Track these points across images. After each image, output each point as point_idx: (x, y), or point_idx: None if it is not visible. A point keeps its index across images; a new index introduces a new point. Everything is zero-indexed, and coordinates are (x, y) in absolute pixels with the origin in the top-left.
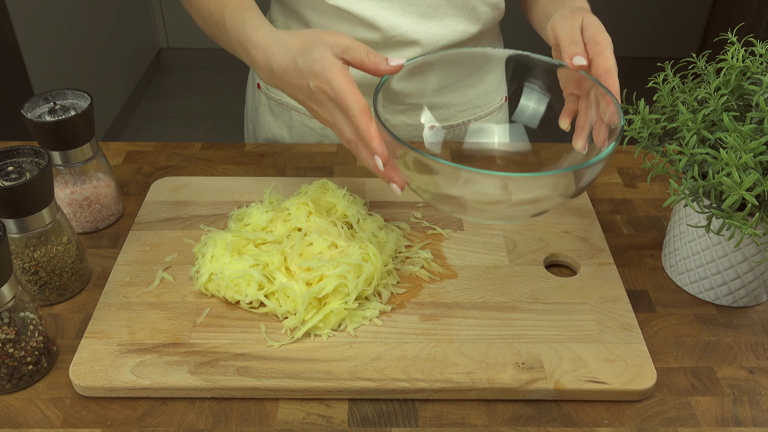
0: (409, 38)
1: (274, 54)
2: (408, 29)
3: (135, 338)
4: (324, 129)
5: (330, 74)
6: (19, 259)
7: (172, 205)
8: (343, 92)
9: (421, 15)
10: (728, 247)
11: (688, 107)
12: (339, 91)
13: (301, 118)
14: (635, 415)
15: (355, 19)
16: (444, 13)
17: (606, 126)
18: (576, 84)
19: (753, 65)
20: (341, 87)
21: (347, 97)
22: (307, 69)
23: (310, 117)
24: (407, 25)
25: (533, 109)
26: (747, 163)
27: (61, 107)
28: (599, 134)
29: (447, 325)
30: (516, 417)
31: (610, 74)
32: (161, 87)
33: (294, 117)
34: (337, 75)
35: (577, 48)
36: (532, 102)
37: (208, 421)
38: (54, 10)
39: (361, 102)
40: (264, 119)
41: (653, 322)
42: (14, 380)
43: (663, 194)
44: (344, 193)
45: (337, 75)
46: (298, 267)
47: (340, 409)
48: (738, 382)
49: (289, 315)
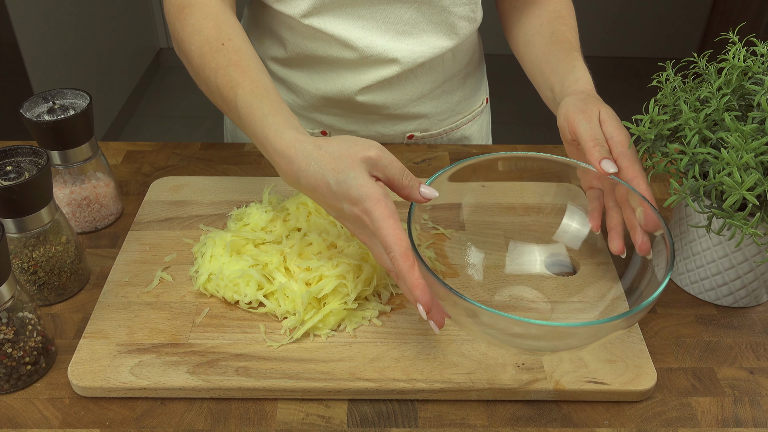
0: (386, 57)
1: (302, 169)
2: (385, 48)
3: (134, 338)
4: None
5: (369, 204)
6: (18, 258)
7: (172, 205)
8: (383, 228)
9: (399, 33)
10: (729, 248)
11: (690, 106)
12: (379, 227)
13: None
14: (635, 415)
15: (331, 39)
16: (422, 30)
17: (645, 233)
18: (597, 178)
19: (754, 65)
20: (382, 223)
21: (387, 235)
22: (343, 194)
23: None
24: (384, 43)
25: (576, 230)
26: (748, 163)
27: (60, 107)
28: (639, 240)
29: (447, 325)
30: (516, 417)
31: (641, 179)
32: (161, 87)
33: None
34: (377, 207)
35: (603, 151)
36: (574, 222)
37: (207, 422)
38: (54, 9)
39: (403, 243)
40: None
41: (653, 322)
42: (12, 380)
43: (663, 194)
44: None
45: (376, 207)
46: (297, 267)
47: (340, 410)
48: (738, 383)
49: (289, 315)
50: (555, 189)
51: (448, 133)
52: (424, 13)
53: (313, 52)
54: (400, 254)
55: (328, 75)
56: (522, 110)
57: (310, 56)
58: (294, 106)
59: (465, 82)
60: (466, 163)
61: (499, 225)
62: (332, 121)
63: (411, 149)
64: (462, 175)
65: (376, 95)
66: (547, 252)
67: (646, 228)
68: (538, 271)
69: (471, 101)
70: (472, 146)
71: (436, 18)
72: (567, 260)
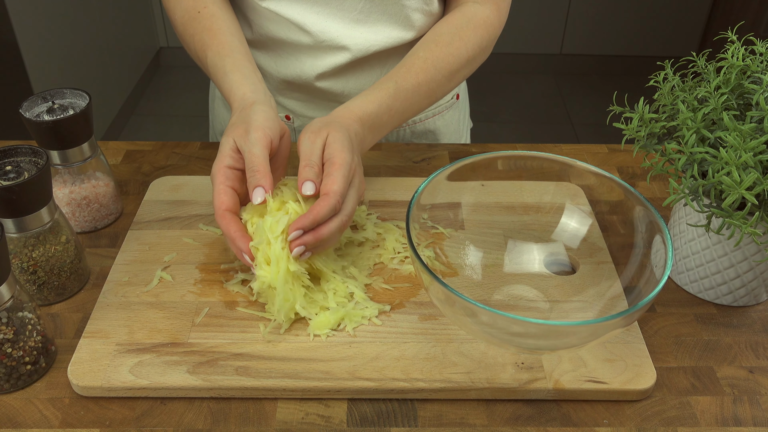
0: (338, 43)
1: (230, 123)
2: (339, 34)
3: (133, 338)
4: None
5: (217, 166)
6: (18, 258)
7: (171, 204)
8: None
9: (353, 21)
10: (728, 247)
11: (688, 106)
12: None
13: None
14: (635, 414)
15: (288, 22)
16: (376, 19)
17: None
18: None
19: (753, 64)
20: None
21: (214, 196)
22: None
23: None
24: (338, 29)
25: (575, 229)
26: (747, 162)
27: (60, 106)
28: None
29: (446, 324)
30: (515, 417)
31: (328, 195)
32: (161, 86)
33: None
34: (218, 174)
35: (308, 172)
36: (573, 221)
37: (207, 421)
38: (53, 8)
39: (217, 204)
40: (219, 112)
41: (653, 321)
42: (12, 380)
43: (663, 193)
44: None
45: (217, 174)
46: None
47: (339, 409)
48: (738, 382)
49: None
50: (554, 188)
51: (411, 126)
52: (377, 4)
53: (273, 35)
54: (217, 215)
55: (288, 59)
56: (521, 110)
57: (272, 38)
58: None
59: None
60: (466, 162)
61: (498, 224)
62: (295, 106)
63: (410, 148)
64: (461, 174)
65: (334, 82)
66: (546, 251)
67: None
68: (537, 270)
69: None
70: (471, 145)
71: (389, 9)
72: (566, 259)
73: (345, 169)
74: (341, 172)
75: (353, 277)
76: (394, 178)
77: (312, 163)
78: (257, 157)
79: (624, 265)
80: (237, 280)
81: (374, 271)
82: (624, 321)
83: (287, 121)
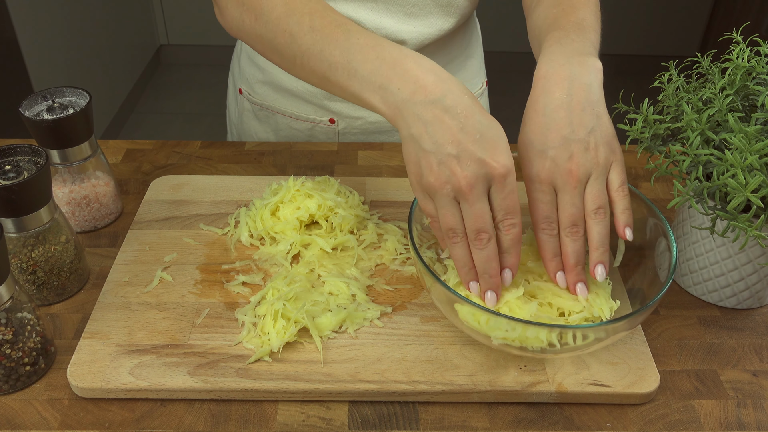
0: (395, 38)
1: (453, 89)
2: (393, 29)
3: (133, 339)
4: (311, 130)
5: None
6: (17, 258)
7: (172, 204)
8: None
9: (406, 15)
10: (732, 249)
11: (693, 107)
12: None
13: (287, 121)
14: (638, 418)
15: None
16: (429, 11)
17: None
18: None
19: (758, 65)
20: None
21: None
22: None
23: (296, 119)
24: (392, 25)
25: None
26: (752, 165)
27: (60, 105)
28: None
29: (448, 326)
30: (518, 420)
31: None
32: (161, 84)
33: (280, 120)
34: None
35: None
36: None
37: (207, 423)
38: (53, 7)
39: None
40: (249, 124)
41: (656, 324)
42: (11, 381)
43: (666, 195)
44: (341, 189)
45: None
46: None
47: (341, 412)
48: (742, 385)
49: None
50: None
51: None
52: None
53: None
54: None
55: None
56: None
57: None
58: (305, 92)
59: (466, 64)
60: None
61: None
62: (342, 108)
63: None
64: None
65: None
66: None
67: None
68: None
69: (471, 84)
70: None
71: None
72: None
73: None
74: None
75: (355, 278)
76: (396, 178)
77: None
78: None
79: (628, 268)
80: (238, 281)
81: (376, 272)
82: (628, 324)
83: (331, 124)
